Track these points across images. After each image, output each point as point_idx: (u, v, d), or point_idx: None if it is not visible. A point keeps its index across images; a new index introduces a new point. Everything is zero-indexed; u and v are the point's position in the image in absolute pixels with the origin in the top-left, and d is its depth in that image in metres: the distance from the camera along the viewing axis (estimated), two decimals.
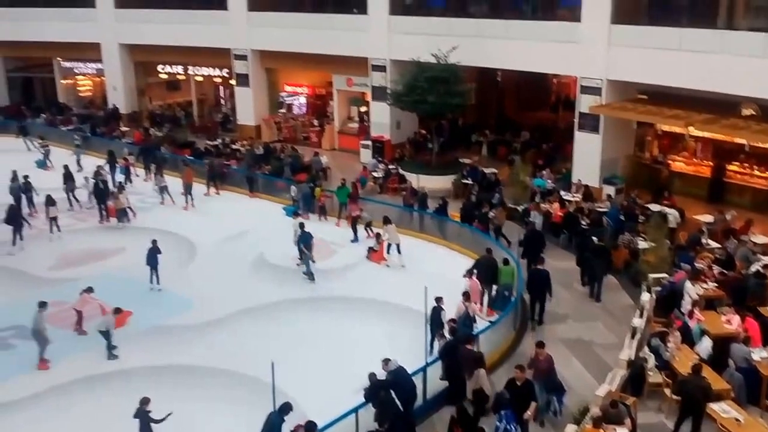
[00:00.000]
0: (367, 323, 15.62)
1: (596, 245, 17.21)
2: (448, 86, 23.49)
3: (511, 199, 22.12)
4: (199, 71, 35.01)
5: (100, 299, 15.39)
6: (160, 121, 34.75)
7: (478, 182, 23.64)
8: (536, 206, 20.43)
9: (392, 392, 11.54)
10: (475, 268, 16.04)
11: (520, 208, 21.02)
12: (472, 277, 15.51)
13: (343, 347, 14.59)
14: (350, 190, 21.83)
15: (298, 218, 19.55)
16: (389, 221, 19.01)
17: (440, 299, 13.88)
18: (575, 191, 22.38)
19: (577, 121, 23.26)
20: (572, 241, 19.33)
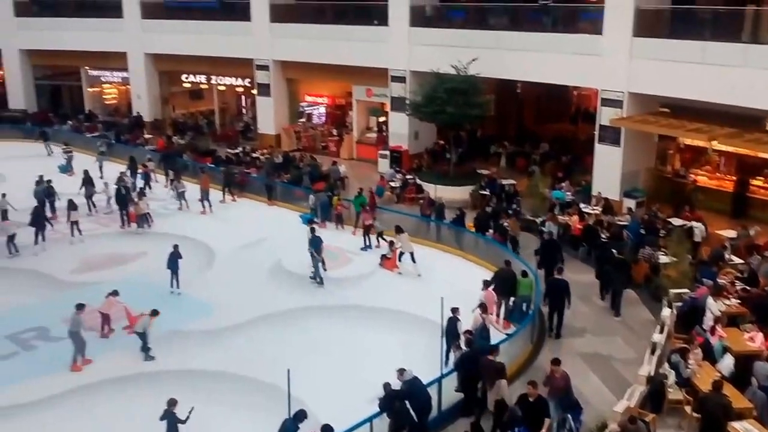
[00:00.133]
0: (382, 332, 15.59)
1: (616, 258, 17.02)
2: (467, 97, 23.49)
3: (529, 210, 21.99)
4: (221, 81, 35.38)
5: (124, 302, 15.60)
6: (182, 129, 35.13)
7: (495, 194, 23.56)
8: (552, 217, 20.34)
9: (407, 403, 11.48)
10: (494, 280, 15.95)
11: (538, 220, 20.88)
12: (488, 288, 15.42)
13: (358, 356, 14.57)
14: (366, 199, 21.85)
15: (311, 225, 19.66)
16: (401, 230, 19.06)
17: (456, 310, 13.82)
18: (595, 204, 22.20)
19: (597, 133, 23.10)
20: (591, 254, 19.15)
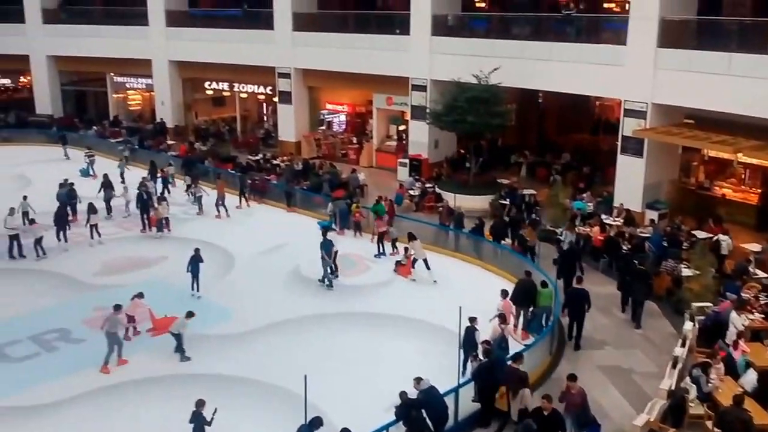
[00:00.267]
0: (399, 340, 15.53)
1: (637, 269, 16.82)
2: (488, 106, 23.43)
3: (550, 221, 21.84)
4: (243, 88, 35.69)
5: (149, 305, 15.74)
6: (204, 135, 35.45)
7: (515, 203, 23.44)
8: (570, 227, 20.21)
9: (423, 412, 11.41)
10: (514, 290, 15.83)
11: (558, 230, 20.73)
12: (506, 298, 15.31)
13: (375, 364, 14.52)
14: (385, 207, 21.85)
15: (328, 231, 19.69)
16: (414, 237, 19.06)
17: (474, 319, 13.72)
18: (617, 215, 21.98)
19: (620, 144, 22.90)
20: (612, 265, 18.96)
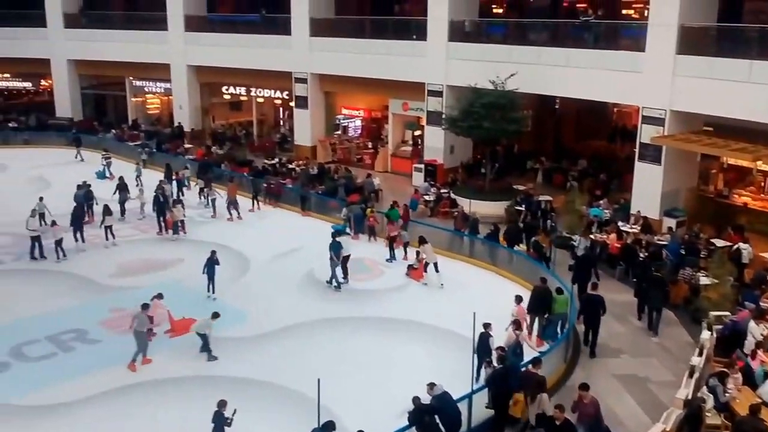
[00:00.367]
0: (413, 346, 15.49)
1: (653, 276, 16.68)
2: (504, 112, 23.37)
3: (566, 228, 21.71)
4: (260, 93, 35.82)
5: (167, 306, 15.84)
6: (221, 139, 35.66)
7: (531, 210, 23.33)
8: (585, 233, 20.15)
9: (436, 417, 11.36)
10: (531, 297, 15.76)
11: (574, 237, 20.61)
12: (519, 304, 15.23)
13: (388, 368, 14.49)
14: (399, 212, 21.84)
15: (341, 235, 19.83)
16: (425, 241, 19.07)
17: (488, 325, 13.64)
18: (633, 222, 21.81)
19: (638, 151, 22.72)
20: (629, 273, 18.81)
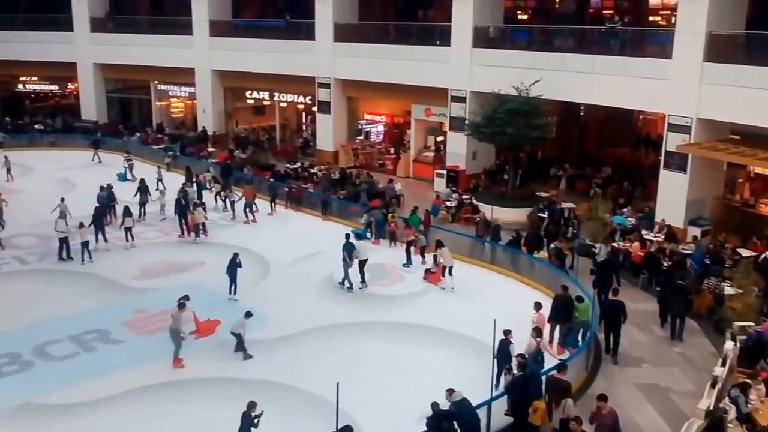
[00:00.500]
0: (432, 351, 15.44)
1: (676, 284, 16.56)
2: (528, 119, 23.30)
3: (589, 235, 21.52)
4: (283, 97, 36.05)
5: (193, 308, 15.83)
6: (244, 143, 35.93)
7: (553, 217, 23.17)
8: (605, 239, 20.04)
9: (455, 423, 11.33)
10: (552, 305, 15.65)
11: (596, 245, 20.45)
12: (539, 310, 15.13)
13: (407, 374, 14.45)
14: (420, 217, 21.81)
15: (360, 239, 19.84)
16: (442, 244, 19.06)
17: (509, 332, 13.56)
18: (658, 231, 21.56)
19: (663, 159, 22.49)
20: (652, 282, 18.62)
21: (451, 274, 18.77)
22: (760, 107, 19.46)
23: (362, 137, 34.39)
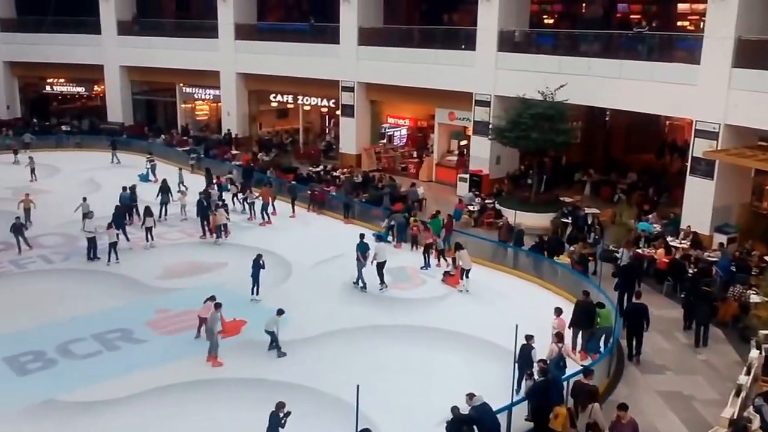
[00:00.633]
0: (453, 355, 15.39)
1: (701, 290, 16.41)
2: (552, 123, 23.14)
3: (613, 241, 21.31)
4: (307, 101, 36.23)
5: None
6: (267, 146, 36.15)
7: (577, 223, 22.98)
8: (627, 244, 19.89)
9: (475, 428, 11.28)
10: (573, 311, 15.51)
11: (619, 250, 20.25)
12: (559, 316, 15.01)
13: (427, 377, 14.43)
14: (441, 221, 21.77)
15: (380, 242, 19.91)
16: (461, 247, 19.04)
17: (531, 337, 13.48)
18: (683, 238, 21.28)
19: (689, 165, 22.22)
20: (677, 289, 18.41)
21: (468, 276, 18.77)
22: None
23: (385, 141, 34.44)
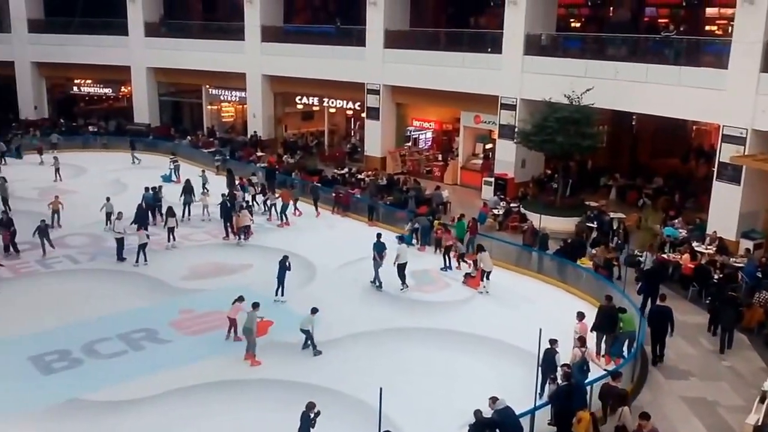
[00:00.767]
0: (476, 359, 15.43)
1: (727, 295, 16.29)
2: (578, 127, 23.07)
3: (638, 246, 21.18)
4: (333, 103, 36.39)
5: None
6: (293, 148, 36.41)
7: (602, 228, 22.86)
8: (651, 247, 19.88)
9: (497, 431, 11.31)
10: (596, 316, 15.47)
11: (643, 254, 20.14)
12: (582, 320, 14.98)
13: (450, 380, 14.47)
14: (466, 224, 21.75)
15: (402, 243, 20.05)
16: (483, 249, 19.12)
17: (554, 342, 13.50)
18: (709, 243, 21.08)
19: (716, 170, 22.01)
20: (702, 295, 18.28)
21: (488, 278, 18.82)
22: None
23: (410, 144, 34.52)
